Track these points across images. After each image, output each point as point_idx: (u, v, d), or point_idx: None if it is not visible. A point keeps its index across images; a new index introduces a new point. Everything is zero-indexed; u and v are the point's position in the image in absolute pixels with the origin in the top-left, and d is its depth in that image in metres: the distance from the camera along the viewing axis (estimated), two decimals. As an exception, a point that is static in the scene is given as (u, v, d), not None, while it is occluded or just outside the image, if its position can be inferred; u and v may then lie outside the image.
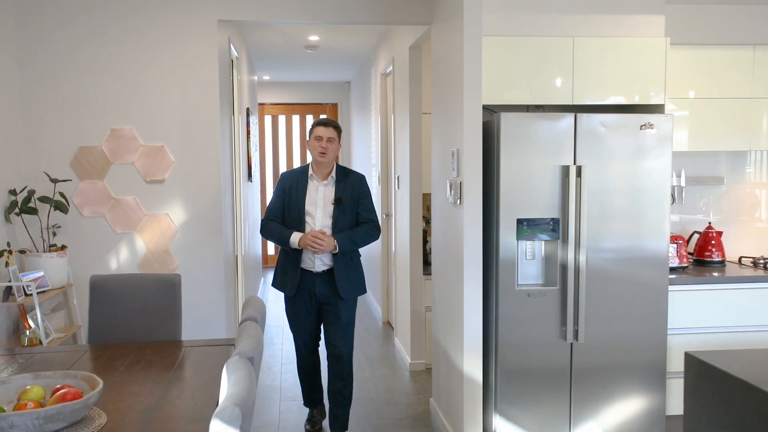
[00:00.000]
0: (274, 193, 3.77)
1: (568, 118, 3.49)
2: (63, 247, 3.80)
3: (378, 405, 4.40)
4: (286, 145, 9.83)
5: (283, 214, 3.69)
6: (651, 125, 3.53)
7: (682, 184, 4.32)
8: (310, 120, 9.83)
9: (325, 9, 4.03)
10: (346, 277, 3.68)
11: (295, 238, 3.57)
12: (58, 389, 2.05)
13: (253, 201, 7.40)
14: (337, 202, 3.64)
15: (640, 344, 3.58)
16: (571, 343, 3.55)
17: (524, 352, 3.54)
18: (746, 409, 2.09)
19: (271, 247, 9.90)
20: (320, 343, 3.90)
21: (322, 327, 3.83)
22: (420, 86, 5.04)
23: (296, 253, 3.65)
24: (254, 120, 7.22)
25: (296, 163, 9.86)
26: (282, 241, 3.62)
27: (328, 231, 3.62)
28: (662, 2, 3.68)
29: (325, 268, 3.67)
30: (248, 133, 6.33)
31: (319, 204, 3.65)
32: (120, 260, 3.97)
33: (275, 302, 7.51)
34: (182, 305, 3.22)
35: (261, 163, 9.39)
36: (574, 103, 3.65)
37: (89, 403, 1.97)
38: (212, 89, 3.97)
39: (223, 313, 4.07)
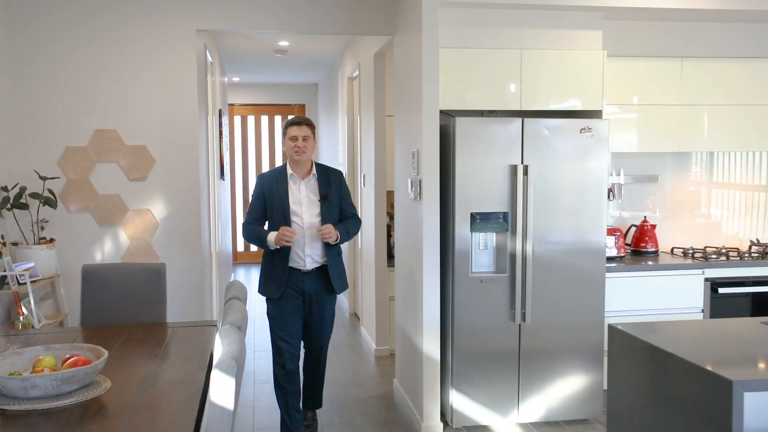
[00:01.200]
0: (253, 195, 3.74)
1: (517, 123, 3.89)
2: (51, 240, 4.08)
3: (345, 386, 4.75)
4: (255, 144, 10.10)
5: (265, 216, 3.67)
6: (590, 129, 3.95)
7: (622, 181, 4.77)
8: (279, 120, 10.13)
9: (296, 20, 4.36)
10: (337, 272, 3.70)
11: (272, 237, 3.54)
12: (68, 358, 2.36)
13: (225, 198, 7.68)
14: (324, 198, 3.63)
15: (580, 325, 4.00)
16: (519, 325, 3.95)
17: (478, 334, 3.93)
18: (656, 370, 2.50)
19: (241, 244, 10.16)
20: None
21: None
22: (384, 91, 5.40)
23: (283, 253, 3.60)
24: (225, 120, 7.51)
25: (265, 163, 10.14)
26: (261, 243, 3.61)
27: (317, 227, 3.60)
28: (600, 19, 4.11)
29: (315, 265, 3.64)
30: (221, 133, 6.63)
31: (304, 202, 3.62)
32: (104, 252, 4.25)
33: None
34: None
35: (231, 162, 9.66)
36: (522, 108, 4.05)
37: (98, 368, 2.29)
38: (191, 93, 4.28)
39: (201, 299, 4.38)
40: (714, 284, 4.28)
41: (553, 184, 3.94)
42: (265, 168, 10.12)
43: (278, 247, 3.56)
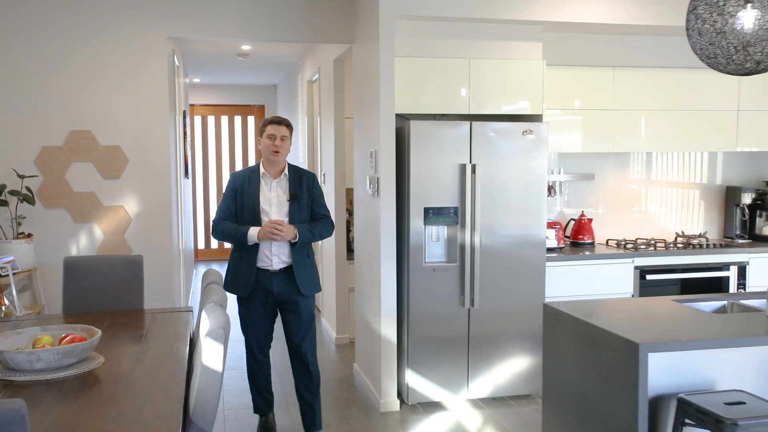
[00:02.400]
0: (224, 194, 3.72)
1: (465, 125, 4.27)
2: (29, 235, 4.30)
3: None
4: (216, 144, 10.31)
5: (236, 215, 3.65)
6: (531, 131, 4.36)
7: (562, 179, 5.21)
8: (238, 121, 10.37)
9: (260, 29, 4.66)
10: (304, 273, 3.65)
11: (254, 232, 3.52)
12: (65, 336, 2.64)
13: (189, 197, 7.91)
14: (293, 198, 3.62)
15: (523, 310, 4.41)
16: (469, 310, 4.34)
17: (431, 319, 4.30)
18: (581, 340, 2.90)
19: (202, 242, 10.36)
20: (272, 345, 3.88)
21: (282, 328, 3.76)
22: (343, 94, 5.73)
23: (251, 253, 3.60)
24: (189, 121, 7.74)
25: (225, 163, 10.36)
26: (238, 239, 3.56)
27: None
28: (540, 31, 4.52)
29: (282, 265, 3.62)
30: (185, 133, 6.87)
31: (274, 201, 3.62)
32: (80, 247, 4.49)
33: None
34: (142, 282, 3.80)
35: (192, 162, 9.85)
36: (471, 112, 4.44)
37: (94, 343, 2.57)
38: (162, 96, 4.55)
39: (171, 291, 4.65)
40: (642, 272, 4.74)
41: (498, 182, 4.34)
42: (225, 168, 10.35)
43: (258, 242, 3.55)
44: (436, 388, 4.34)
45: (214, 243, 10.45)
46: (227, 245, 10.45)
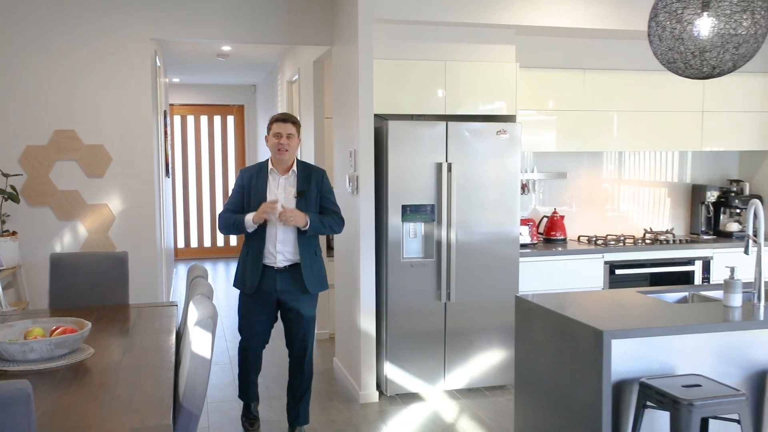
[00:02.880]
0: (233, 188, 3.73)
1: (442, 126, 4.42)
2: (14, 233, 4.36)
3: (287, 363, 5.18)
4: (195, 144, 10.36)
5: (243, 210, 3.63)
6: (504, 131, 4.52)
7: (536, 177, 5.38)
8: (218, 120, 10.43)
9: (242, 30, 4.77)
10: (311, 270, 3.63)
11: (249, 216, 3.52)
12: (56, 329, 2.74)
13: (169, 196, 7.97)
14: (300, 194, 3.58)
15: (498, 304, 4.57)
16: (445, 304, 4.49)
17: (409, 313, 4.45)
18: (550, 329, 3.06)
19: (182, 240, 10.41)
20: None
21: (283, 327, 3.76)
22: (323, 95, 5.86)
23: (257, 249, 3.59)
24: (168, 121, 7.81)
25: (205, 162, 10.42)
26: (237, 226, 3.57)
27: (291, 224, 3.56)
28: (513, 35, 4.69)
29: (287, 263, 3.59)
30: (166, 133, 6.94)
31: (281, 197, 3.58)
32: (64, 244, 4.56)
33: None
34: (127, 278, 3.89)
35: (171, 161, 9.90)
36: (447, 113, 4.59)
37: (85, 335, 2.68)
38: (145, 96, 4.64)
39: (155, 287, 4.74)
40: (612, 266, 4.93)
41: (473, 180, 4.49)
42: (206, 168, 10.41)
43: (256, 227, 3.53)
44: (414, 379, 4.49)
45: (194, 242, 10.51)
46: (207, 244, 10.54)
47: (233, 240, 10.53)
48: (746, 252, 3.09)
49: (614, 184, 5.62)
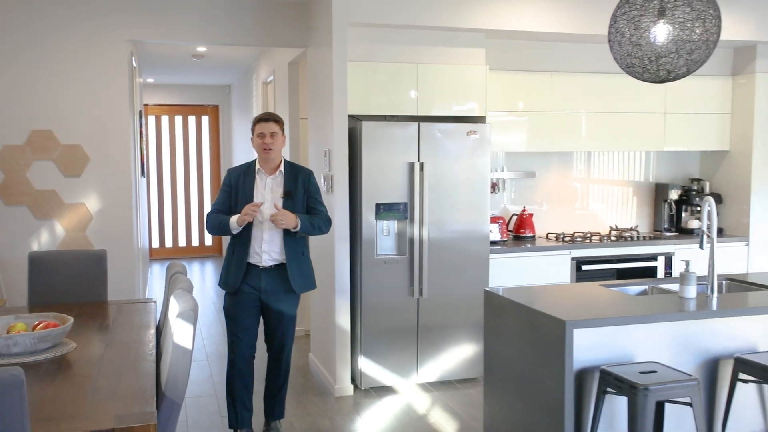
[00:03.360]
0: (220, 189, 3.73)
1: (414, 126, 4.55)
2: (-9, 232, 4.41)
3: (265, 360, 5.27)
4: (170, 144, 10.38)
5: (230, 210, 3.63)
6: (475, 132, 4.67)
7: (505, 177, 5.54)
8: (192, 120, 10.46)
9: (217, 32, 4.86)
10: (299, 270, 3.63)
11: (234, 218, 3.52)
12: (38, 324, 2.81)
13: (144, 195, 8.00)
14: (287, 195, 3.60)
15: (469, 299, 4.71)
16: (418, 299, 4.62)
17: (382, 308, 4.57)
18: (516, 321, 3.20)
19: (156, 240, 10.42)
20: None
21: (263, 326, 3.75)
22: (297, 96, 5.96)
23: (243, 248, 3.59)
24: (143, 121, 7.84)
25: (180, 162, 10.44)
26: (222, 228, 3.57)
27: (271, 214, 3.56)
28: (483, 38, 4.84)
29: (272, 263, 3.60)
30: (141, 133, 6.99)
31: (268, 198, 3.59)
32: (41, 243, 4.61)
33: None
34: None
35: (146, 161, 9.90)
36: (419, 114, 4.73)
37: (67, 329, 2.76)
38: (122, 97, 4.70)
39: (132, 285, 4.81)
40: (579, 262, 5.10)
41: (445, 179, 4.63)
42: (180, 168, 10.43)
43: (241, 228, 3.53)
44: (388, 373, 4.61)
45: (169, 241, 10.53)
46: (182, 244, 10.56)
47: (208, 240, 10.58)
48: (701, 247, 3.26)
49: (583, 183, 5.80)
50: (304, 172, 3.71)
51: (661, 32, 2.99)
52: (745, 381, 3.06)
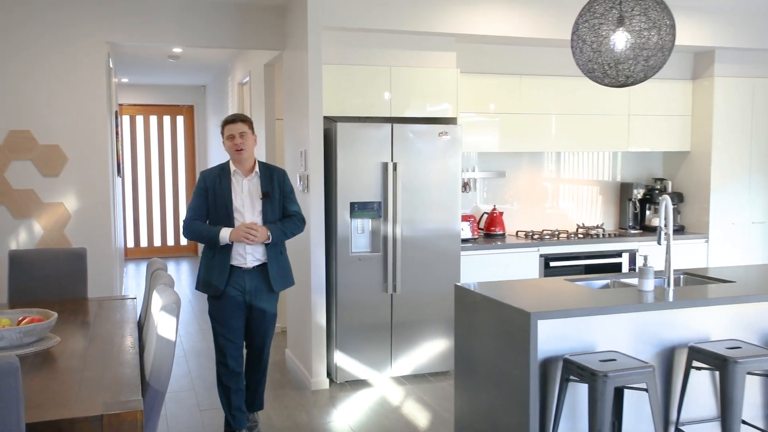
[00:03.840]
0: (194, 192, 3.70)
1: (387, 127, 4.70)
2: (-30, 231, 4.45)
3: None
4: (145, 144, 10.40)
5: (208, 213, 3.66)
6: (446, 133, 4.83)
7: (477, 176, 5.71)
8: (167, 120, 10.49)
9: (194, 35, 4.95)
10: (278, 270, 3.70)
11: (225, 233, 3.53)
12: (23, 319, 2.90)
13: (119, 195, 8.03)
14: (265, 196, 3.63)
15: (440, 295, 4.86)
16: (391, 295, 4.76)
17: (357, 304, 4.70)
18: (485, 313, 3.35)
19: (131, 240, 10.43)
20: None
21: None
22: (273, 97, 6.06)
23: (225, 251, 3.60)
24: (119, 121, 7.88)
25: (155, 162, 10.47)
26: (210, 239, 3.58)
27: (259, 224, 3.63)
28: (454, 42, 4.99)
29: (256, 263, 3.64)
30: (117, 133, 7.03)
31: (246, 199, 3.62)
32: (19, 242, 4.66)
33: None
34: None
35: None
36: (393, 115, 4.87)
37: (52, 323, 2.85)
38: (100, 97, 4.77)
39: (112, 283, 4.88)
40: (547, 259, 5.29)
41: (417, 179, 4.78)
42: (155, 168, 10.46)
43: (231, 243, 3.58)
44: (363, 367, 4.75)
45: (144, 241, 10.55)
46: (157, 243, 10.58)
47: (183, 240, 10.62)
48: (659, 242, 3.45)
49: (552, 183, 5.99)
50: (278, 172, 3.75)
51: (620, 40, 3.16)
52: (699, 368, 3.25)
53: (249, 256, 3.63)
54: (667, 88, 5.79)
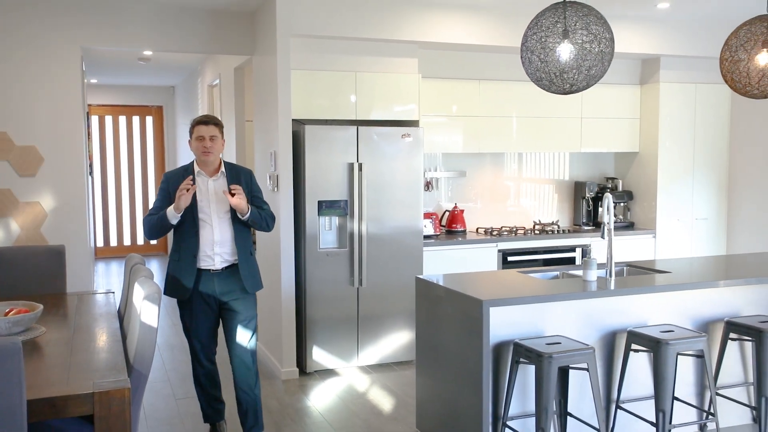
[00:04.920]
0: (158, 194, 3.62)
1: (353, 129, 4.95)
2: (-52, 230, 4.59)
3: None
4: (114, 145, 10.49)
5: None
6: (409, 135, 5.10)
7: (438, 176, 5.99)
8: (137, 121, 10.60)
9: (167, 40, 5.14)
10: (249, 271, 3.59)
11: (171, 207, 3.44)
12: (10, 310, 3.08)
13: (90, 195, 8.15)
14: (233, 191, 3.50)
15: (404, 289, 5.13)
16: (358, 289, 5.02)
17: (325, 298, 4.95)
18: (442, 303, 3.63)
19: (101, 239, 10.51)
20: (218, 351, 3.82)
21: (223, 329, 3.68)
22: (243, 99, 6.27)
23: (191, 253, 3.51)
24: (90, 121, 7.99)
25: (124, 163, 10.56)
26: (161, 222, 3.49)
27: (227, 224, 3.55)
28: (416, 49, 5.27)
29: (225, 264, 3.55)
30: (89, 134, 7.16)
31: (212, 199, 3.54)
32: (-4, 240, 4.81)
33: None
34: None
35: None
36: (358, 118, 5.12)
37: (38, 314, 3.04)
38: (75, 99, 4.94)
39: (87, 281, 5.05)
40: (505, 254, 5.60)
41: (382, 178, 5.04)
42: (124, 168, 10.55)
43: (179, 216, 3.45)
44: (331, 357, 5.00)
45: (114, 241, 10.63)
46: (127, 242, 10.68)
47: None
48: (602, 237, 3.76)
49: (513, 182, 6.31)
50: (245, 173, 3.68)
51: (564, 51, 3.46)
52: (636, 350, 3.57)
53: (217, 257, 3.53)
54: (617, 92, 6.15)
